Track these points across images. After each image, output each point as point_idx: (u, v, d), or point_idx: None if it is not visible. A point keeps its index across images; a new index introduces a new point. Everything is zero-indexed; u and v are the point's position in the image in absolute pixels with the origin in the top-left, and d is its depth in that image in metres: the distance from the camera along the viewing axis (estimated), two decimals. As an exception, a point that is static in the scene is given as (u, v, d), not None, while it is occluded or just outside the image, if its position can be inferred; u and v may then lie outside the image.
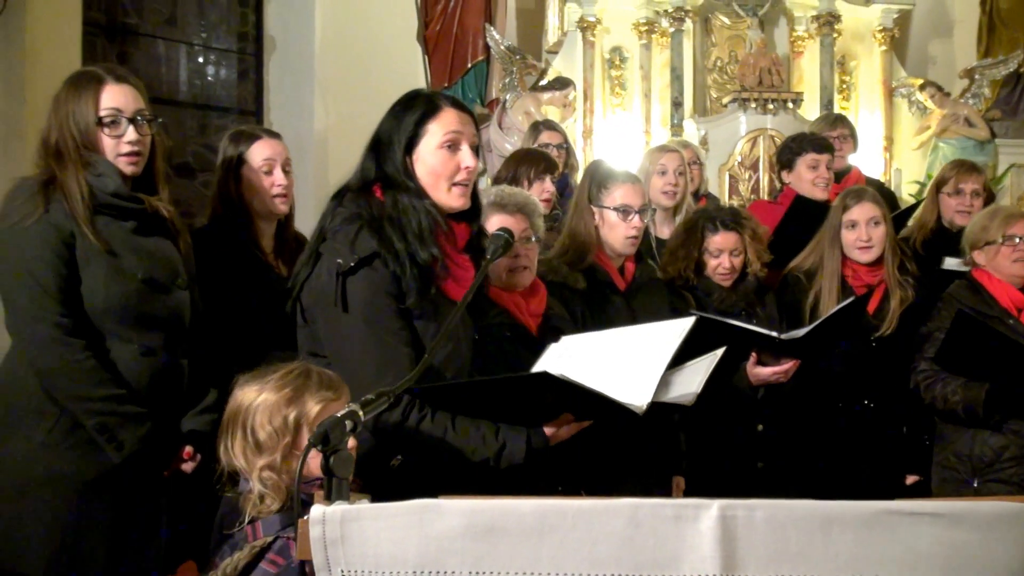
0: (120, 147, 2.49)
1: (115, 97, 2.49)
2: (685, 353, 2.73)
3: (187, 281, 2.61)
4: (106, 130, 2.48)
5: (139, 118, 2.52)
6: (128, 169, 2.51)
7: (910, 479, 3.60)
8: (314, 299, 2.25)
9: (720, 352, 2.74)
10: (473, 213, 2.40)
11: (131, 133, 2.50)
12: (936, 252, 3.97)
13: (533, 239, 2.77)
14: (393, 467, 2.19)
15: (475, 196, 2.40)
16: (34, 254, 2.39)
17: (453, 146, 2.29)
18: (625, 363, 2.27)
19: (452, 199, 2.30)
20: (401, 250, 2.20)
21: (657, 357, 2.25)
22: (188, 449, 2.51)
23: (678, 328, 2.37)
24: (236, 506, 1.97)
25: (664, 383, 2.65)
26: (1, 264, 2.44)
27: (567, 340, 2.48)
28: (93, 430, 2.39)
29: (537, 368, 2.35)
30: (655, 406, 2.65)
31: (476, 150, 2.35)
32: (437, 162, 2.28)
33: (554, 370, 2.14)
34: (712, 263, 3.45)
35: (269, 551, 1.88)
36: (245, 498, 1.95)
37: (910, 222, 4.43)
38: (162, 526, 2.54)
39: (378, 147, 2.32)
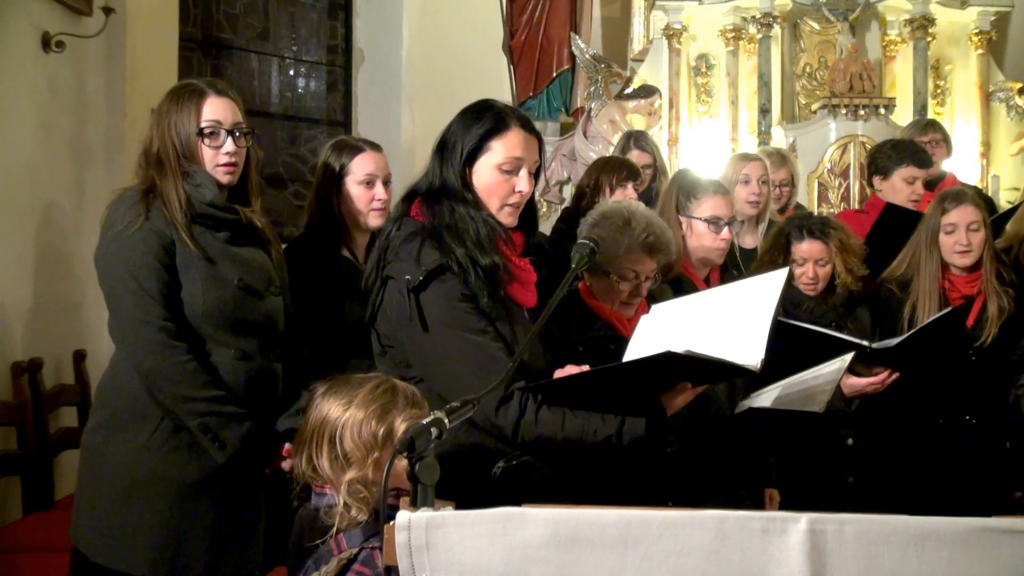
0: (218, 158, 2.56)
1: (215, 109, 2.55)
2: (777, 362, 2.70)
3: (279, 288, 2.67)
4: (206, 141, 2.54)
5: (236, 131, 2.58)
6: (224, 179, 2.58)
7: (1018, 494, 3.48)
8: (391, 324, 2.27)
9: (849, 356, 2.70)
10: (528, 226, 2.42)
11: (229, 144, 2.56)
12: None
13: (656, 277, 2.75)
14: (495, 475, 2.20)
15: (531, 211, 2.42)
16: (139, 260, 2.46)
17: (512, 170, 2.30)
18: (729, 324, 2.27)
19: (501, 217, 2.32)
20: (463, 256, 2.22)
21: (760, 313, 2.24)
22: (287, 447, 2.56)
23: (773, 282, 2.35)
24: (314, 521, 2.00)
25: (787, 392, 2.63)
26: (107, 270, 2.51)
27: (657, 309, 2.48)
28: (197, 430, 2.45)
29: (636, 340, 2.35)
30: (783, 416, 2.61)
31: (537, 172, 2.37)
32: (493, 181, 2.30)
33: (661, 342, 2.14)
34: (797, 272, 3.39)
35: (355, 562, 1.91)
36: (327, 512, 1.98)
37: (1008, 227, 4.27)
38: (261, 526, 2.59)
39: (443, 151, 2.34)
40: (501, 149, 2.29)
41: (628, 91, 7.35)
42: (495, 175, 2.30)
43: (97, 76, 5.22)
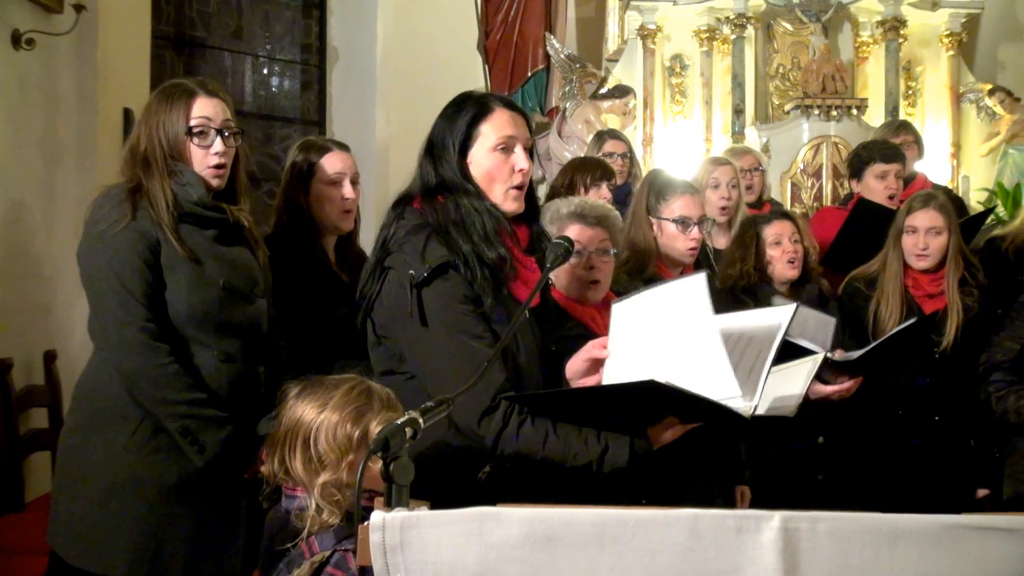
0: (208, 159, 2.53)
1: (205, 109, 2.52)
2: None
3: (263, 290, 2.65)
4: (195, 140, 2.51)
5: (226, 130, 2.55)
6: (213, 182, 2.55)
7: (981, 492, 3.52)
8: (389, 316, 2.22)
9: (821, 356, 2.68)
10: (531, 215, 2.38)
11: (218, 144, 2.53)
12: None
13: (611, 252, 2.74)
14: (481, 479, 2.17)
15: (532, 198, 2.39)
16: (122, 260, 2.42)
17: (507, 148, 2.27)
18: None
19: (507, 202, 2.28)
20: (469, 253, 2.18)
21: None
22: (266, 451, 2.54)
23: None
24: (286, 523, 1.99)
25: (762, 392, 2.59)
26: (90, 269, 2.47)
27: (618, 308, 2.31)
28: (176, 433, 2.42)
29: (611, 343, 2.25)
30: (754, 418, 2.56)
31: (530, 151, 2.33)
32: (491, 165, 2.27)
33: (650, 370, 2.09)
34: (775, 255, 3.43)
35: (327, 565, 1.90)
36: (298, 515, 1.97)
37: (988, 225, 4.31)
38: (240, 530, 2.57)
39: (433, 151, 2.31)
40: (491, 131, 2.27)
41: (603, 91, 7.38)
42: (493, 158, 2.26)
43: (68, 74, 5.17)
